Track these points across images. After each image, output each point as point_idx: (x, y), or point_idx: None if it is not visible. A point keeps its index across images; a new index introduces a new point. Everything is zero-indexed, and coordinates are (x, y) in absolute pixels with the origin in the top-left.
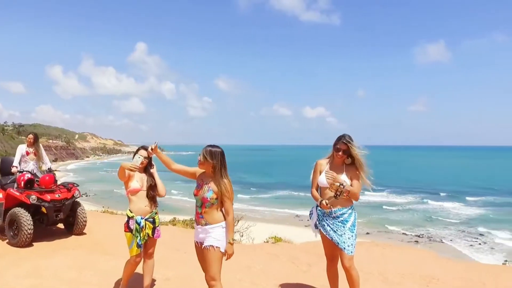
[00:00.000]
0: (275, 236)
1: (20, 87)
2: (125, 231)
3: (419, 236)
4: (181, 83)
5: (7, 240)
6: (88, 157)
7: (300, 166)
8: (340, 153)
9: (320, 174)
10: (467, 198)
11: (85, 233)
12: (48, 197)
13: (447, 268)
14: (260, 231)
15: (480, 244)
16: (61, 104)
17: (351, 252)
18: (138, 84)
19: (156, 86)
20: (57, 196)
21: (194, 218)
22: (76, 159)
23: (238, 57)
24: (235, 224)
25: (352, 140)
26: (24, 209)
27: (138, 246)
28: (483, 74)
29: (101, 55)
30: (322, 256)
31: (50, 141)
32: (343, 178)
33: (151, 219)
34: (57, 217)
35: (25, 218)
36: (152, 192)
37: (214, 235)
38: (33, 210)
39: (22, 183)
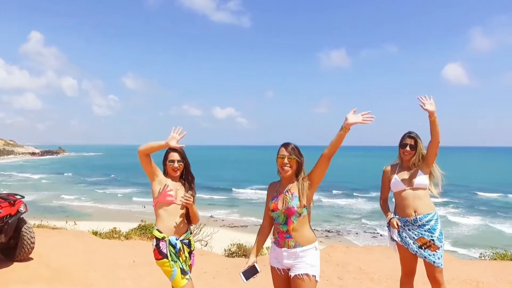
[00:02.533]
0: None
1: None
2: (157, 258)
3: (328, 231)
4: (84, 79)
5: None
6: None
7: (218, 166)
8: (408, 148)
9: (390, 180)
10: (356, 194)
11: (31, 258)
12: None
13: (471, 268)
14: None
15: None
16: None
17: (442, 264)
18: (33, 78)
19: (54, 81)
20: None
21: (273, 239)
22: None
23: (146, 54)
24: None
25: (419, 137)
26: None
27: (184, 273)
28: (378, 80)
29: None
30: (333, 264)
31: None
32: (421, 179)
33: (187, 241)
34: None
35: None
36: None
37: (309, 260)
38: None
39: None
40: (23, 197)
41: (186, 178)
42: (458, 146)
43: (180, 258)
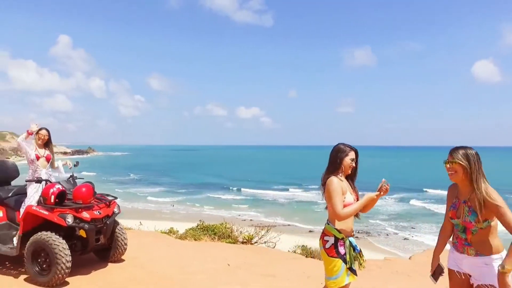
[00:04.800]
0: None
1: None
2: (332, 256)
3: (358, 232)
4: (111, 80)
5: (26, 276)
6: (8, 158)
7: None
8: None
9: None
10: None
11: (123, 260)
12: (86, 215)
13: None
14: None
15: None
16: None
17: None
18: (63, 80)
19: (83, 82)
20: (97, 213)
21: (452, 242)
22: None
23: (170, 54)
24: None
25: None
26: (55, 234)
27: (352, 270)
28: (404, 78)
29: (19, 47)
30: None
31: None
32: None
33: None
34: (97, 242)
35: (61, 246)
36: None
37: (494, 270)
38: (64, 234)
39: (53, 197)
40: (116, 198)
41: (352, 177)
42: (490, 146)
43: (356, 260)
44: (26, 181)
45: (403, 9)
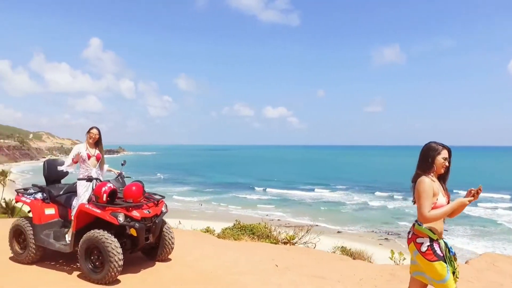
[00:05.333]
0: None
1: None
2: (432, 260)
3: (389, 234)
4: (140, 81)
5: (79, 273)
6: (44, 157)
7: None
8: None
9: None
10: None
11: (170, 259)
12: (137, 214)
13: None
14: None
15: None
16: (11, 102)
17: None
18: (94, 81)
19: (113, 84)
20: (146, 212)
21: None
22: (31, 159)
23: (197, 55)
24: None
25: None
26: (108, 232)
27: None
28: (435, 76)
29: (53, 50)
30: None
31: (1, 140)
32: None
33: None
34: (146, 241)
35: (113, 245)
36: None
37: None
38: (115, 232)
39: (105, 195)
40: (163, 197)
41: (444, 177)
42: None
43: (451, 263)
44: (78, 180)
45: (433, 4)
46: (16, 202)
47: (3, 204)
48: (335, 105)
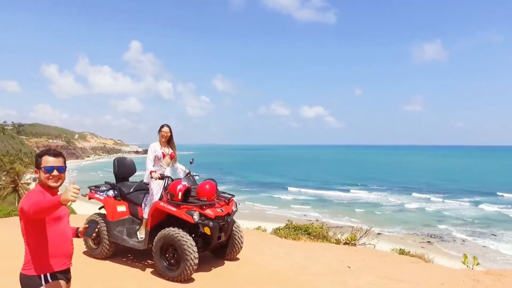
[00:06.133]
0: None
1: (16, 86)
2: None
3: (431, 236)
4: (178, 82)
5: (152, 270)
6: (89, 156)
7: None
8: None
9: None
10: (461, 197)
11: (238, 258)
12: (210, 212)
13: None
14: None
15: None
16: (58, 104)
17: None
18: (135, 83)
19: (152, 85)
20: (219, 211)
21: None
22: (77, 158)
23: (234, 56)
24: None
25: None
26: (183, 231)
27: None
28: (480, 73)
29: (96, 54)
30: None
31: (50, 140)
32: None
33: None
34: (218, 239)
35: (189, 243)
36: None
37: None
38: (188, 230)
39: (180, 193)
40: (233, 196)
41: None
42: None
43: None
44: (152, 178)
45: None
46: (90, 198)
47: None
48: (373, 103)
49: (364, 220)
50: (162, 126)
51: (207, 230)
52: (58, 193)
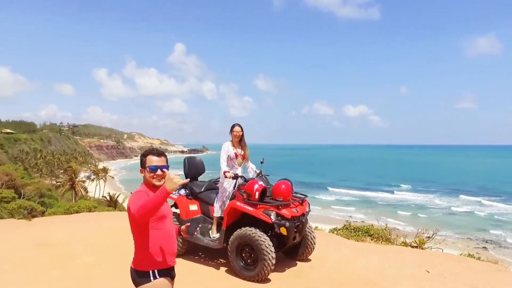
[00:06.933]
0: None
1: (70, 89)
2: None
3: (486, 242)
4: (221, 83)
5: (226, 268)
6: (137, 156)
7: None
8: None
9: None
10: None
11: (310, 260)
12: (287, 213)
13: None
14: None
15: None
16: (108, 105)
17: None
18: (179, 84)
19: (196, 86)
20: (295, 211)
21: None
22: (126, 158)
23: (275, 55)
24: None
25: None
26: (260, 231)
27: None
28: None
29: (142, 56)
30: None
31: (102, 140)
32: None
33: None
34: (293, 240)
35: (266, 243)
36: None
37: None
38: (263, 230)
39: (257, 193)
40: (306, 196)
41: None
42: None
43: None
44: (225, 177)
45: None
46: None
47: (108, 198)
48: (420, 102)
49: (411, 223)
50: (233, 126)
51: (283, 231)
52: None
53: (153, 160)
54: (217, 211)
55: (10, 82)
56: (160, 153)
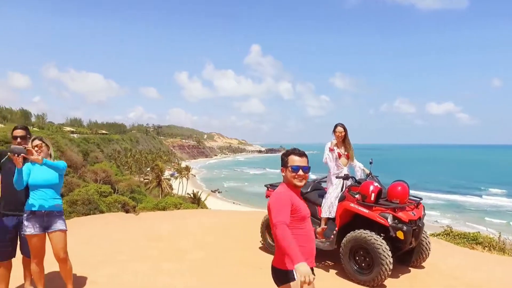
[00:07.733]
0: None
1: (155, 92)
2: None
3: None
4: (297, 83)
5: (336, 271)
6: (216, 155)
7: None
8: None
9: None
10: None
11: (423, 266)
12: (403, 216)
13: None
14: None
15: None
16: (189, 107)
17: None
18: (256, 85)
19: (273, 86)
20: (412, 214)
21: None
22: (206, 157)
23: (352, 52)
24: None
25: None
26: (375, 234)
27: None
28: None
29: (220, 59)
30: None
31: (184, 140)
32: None
33: None
34: (410, 245)
35: (384, 247)
36: None
37: None
38: (376, 233)
39: (373, 195)
40: (421, 199)
41: None
42: None
43: None
44: (334, 178)
45: None
46: (267, 197)
47: (191, 195)
48: None
49: (507, 232)
50: (336, 126)
51: (400, 234)
52: None
53: (295, 160)
54: (325, 212)
55: (105, 88)
56: (301, 153)
